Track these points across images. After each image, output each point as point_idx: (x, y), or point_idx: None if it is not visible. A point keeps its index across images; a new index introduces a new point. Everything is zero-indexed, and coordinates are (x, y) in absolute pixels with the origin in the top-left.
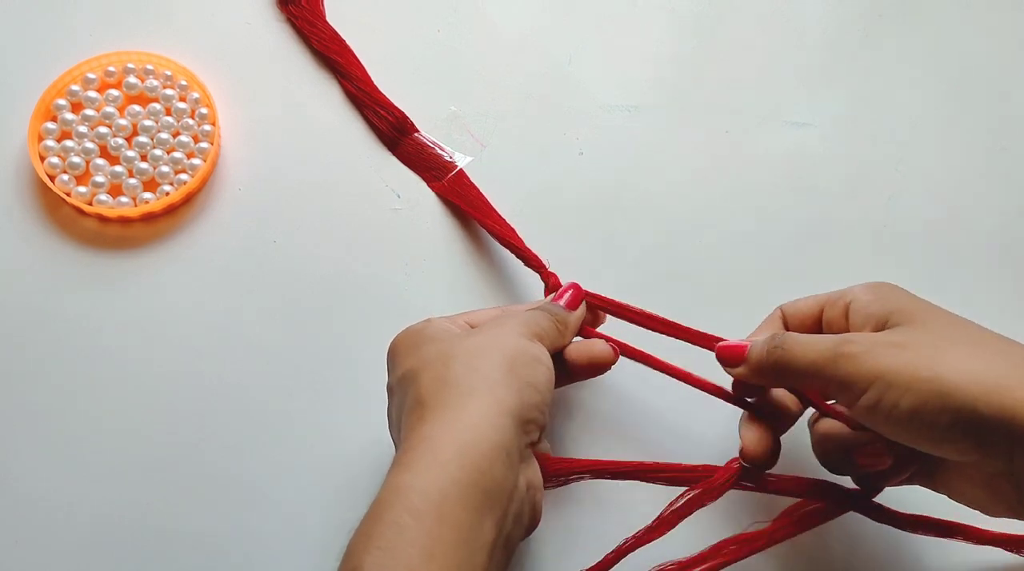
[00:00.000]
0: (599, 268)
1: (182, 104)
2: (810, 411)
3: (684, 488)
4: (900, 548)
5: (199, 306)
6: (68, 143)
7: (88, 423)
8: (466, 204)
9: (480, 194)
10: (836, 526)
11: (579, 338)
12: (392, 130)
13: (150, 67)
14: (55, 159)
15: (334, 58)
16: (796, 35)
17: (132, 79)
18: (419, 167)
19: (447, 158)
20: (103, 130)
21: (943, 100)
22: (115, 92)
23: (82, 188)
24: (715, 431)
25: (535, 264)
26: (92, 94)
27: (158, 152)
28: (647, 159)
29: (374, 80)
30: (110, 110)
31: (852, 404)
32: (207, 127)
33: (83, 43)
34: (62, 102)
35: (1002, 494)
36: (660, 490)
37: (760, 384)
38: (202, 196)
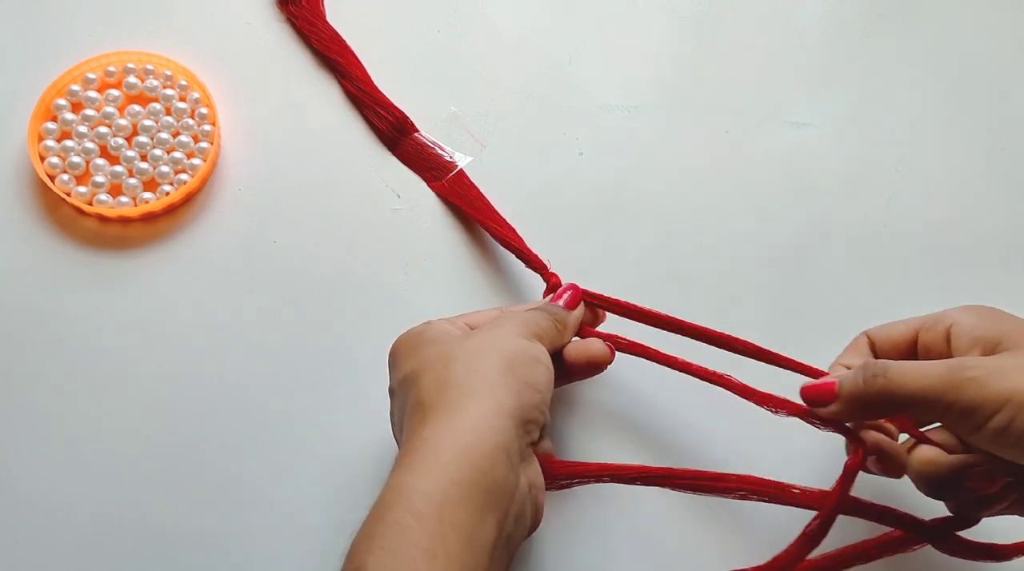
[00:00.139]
0: (599, 268)
1: (182, 104)
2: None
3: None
4: None
5: (199, 306)
6: (68, 143)
7: (88, 423)
8: (466, 204)
9: (480, 194)
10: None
11: (577, 338)
12: (392, 130)
13: (150, 67)
14: (55, 159)
15: (334, 58)
16: (796, 35)
17: (132, 79)
18: (419, 167)
19: (447, 158)
20: (103, 130)
21: (943, 100)
22: (115, 92)
23: (82, 188)
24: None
25: (537, 265)
26: (92, 94)
27: (158, 152)
28: (647, 159)
29: (374, 80)
30: (110, 110)
31: (976, 429)
32: (207, 127)
33: (83, 43)
34: (62, 102)
35: None
36: (664, 490)
37: (854, 419)
38: (202, 196)
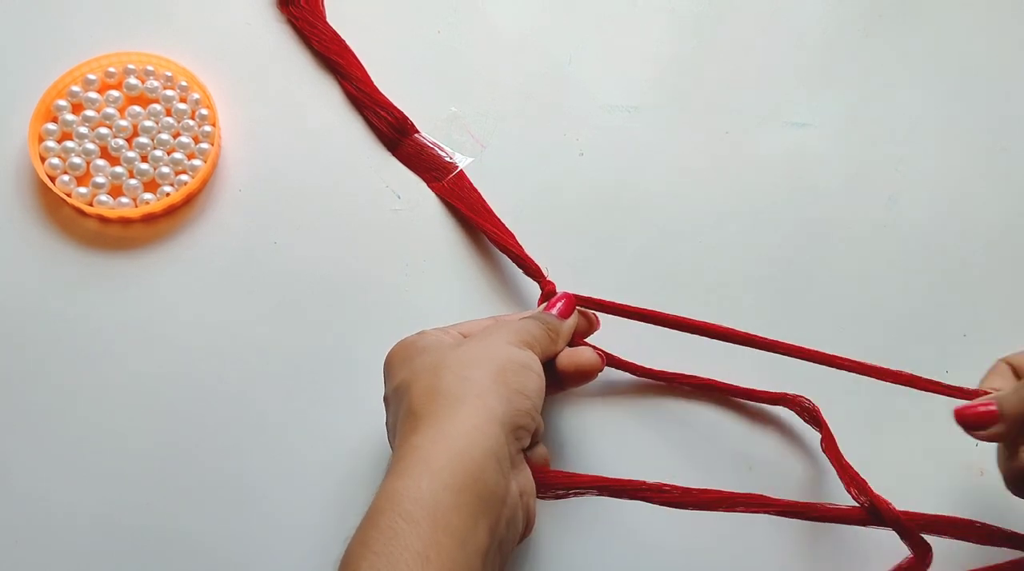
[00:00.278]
0: (599, 268)
1: (182, 105)
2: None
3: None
4: None
5: (199, 307)
6: (69, 144)
7: (88, 423)
8: (466, 207)
9: (480, 197)
10: None
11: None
12: (392, 131)
13: (150, 68)
14: (56, 160)
15: (334, 59)
16: (796, 35)
17: (132, 80)
18: (419, 168)
19: (447, 159)
20: (104, 131)
21: (943, 100)
22: (115, 93)
23: (83, 189)
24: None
25: (533, 271)
26: (93, 95)
27: (158, 153)
28: (647, 159)
29: (374, 80)
30: (111, 111)
31: None
32: (207, 128)
33: (83, 44)
34: (63, 103)
35: None
36: None
37: (1010, 439)
38: (202, 197)
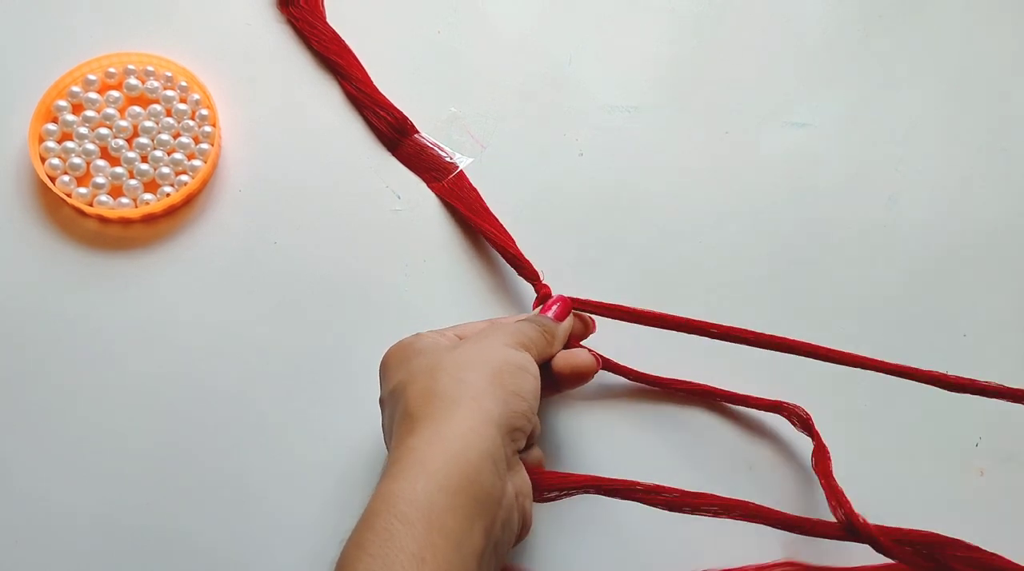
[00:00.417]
0: (599, 268)
1: (183, 105)
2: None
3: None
4: None
5: (199, 307)
6: (69, 144)
7: (88, 423)
8: (466, 208)
9: (479, 198)
10: None
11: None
12: (392, 131)
13: (151, 68)
14: (56, 160)
15: (334, 59)
16: (796, 35)
17: (133, 80)
18: (419, 168)
19: (447, 159)
20: (104, 131)
21: (943, 100)
22: (116, 93)
23: (83, 189)
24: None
25: (530, 274)
26: (93, 95)
27: (159, 153)
28: (647, 159)
29: (374, 81)
30: (111, 111)
31: None
32: (207, 128)
33: (83, 44)
34: (63, 103)
35: None
36: None
37: None
38: (203, 197)
